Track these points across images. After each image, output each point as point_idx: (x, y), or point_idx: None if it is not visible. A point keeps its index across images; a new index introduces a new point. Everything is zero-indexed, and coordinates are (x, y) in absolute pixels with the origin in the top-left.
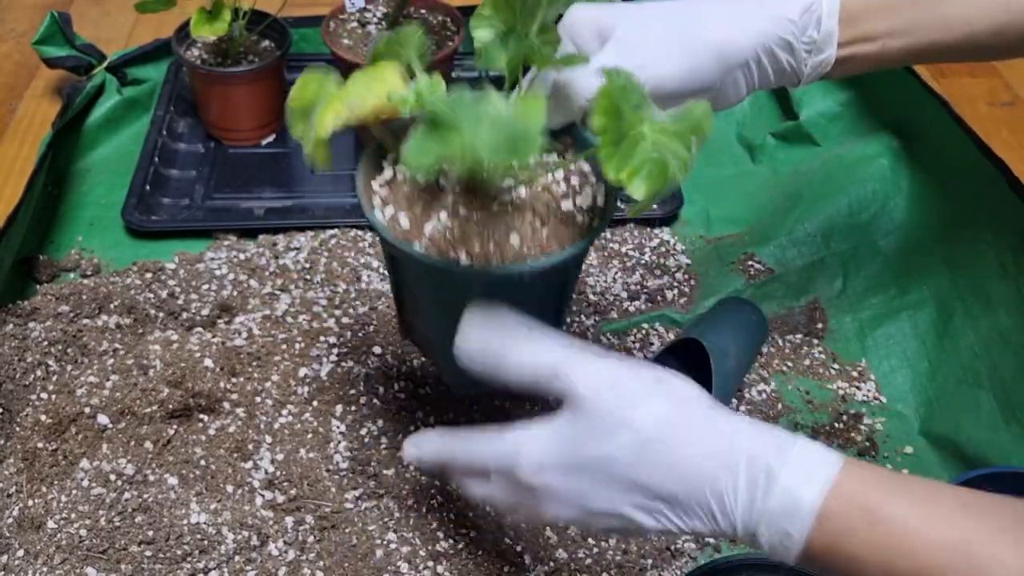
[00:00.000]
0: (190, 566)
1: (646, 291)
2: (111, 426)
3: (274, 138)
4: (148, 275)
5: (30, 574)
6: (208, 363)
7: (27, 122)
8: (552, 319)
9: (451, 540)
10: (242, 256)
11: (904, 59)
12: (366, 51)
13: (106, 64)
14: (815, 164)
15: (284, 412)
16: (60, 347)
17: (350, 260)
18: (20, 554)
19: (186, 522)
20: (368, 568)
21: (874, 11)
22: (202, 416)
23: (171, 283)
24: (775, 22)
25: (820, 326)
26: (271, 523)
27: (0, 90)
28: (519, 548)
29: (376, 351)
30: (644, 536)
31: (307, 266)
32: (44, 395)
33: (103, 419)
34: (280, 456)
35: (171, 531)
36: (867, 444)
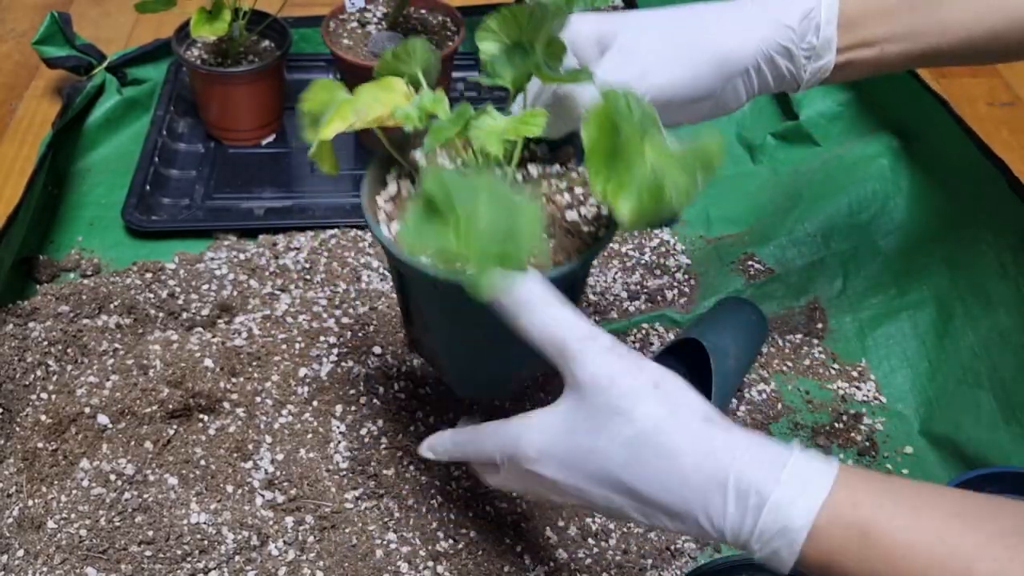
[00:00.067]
0: (190, 566)
1: (646, 291)
2: (111, 426)
3: (274, 138)
4: (148, 275)
5: (30, 574)
6: (208, 363)
7: (27, 122)
8: None
9: (451, 540)
10: (242, 256)
11: (903, 64)
12: (366, 51)
13: (106, 64)
14: (815, 164)
15: (284, 412)
16: (60, 347)
17: (350, 260)
18: (20, 554)
19: (186, 522)
20: (368, 568)
21: (872, 17)
22: (202, 416)
23: (171, 283)
24: (775, 29)
25: (820, 326)
26: (271, 523)
27: (0, 90)
28: (519, 548)
29: (376, 351)
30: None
31: (307, 266)
32: (44, 395)
33: (103, 419)
34: (280, 456)
35: (171, 531)
36: (867, 444)
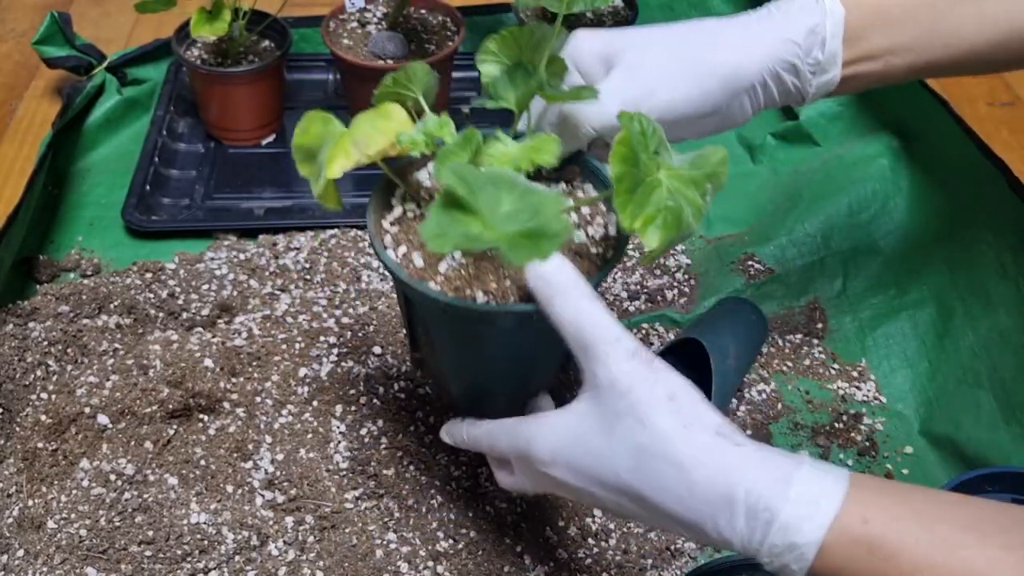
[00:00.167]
0: (190, 566)
1: (646, 291)
2: (111, 426)
3: (274, 138)
4: (148, 275)
5: (30, 574)
6: (208, 363)
7: (27, 122)
8: (564, 362)
9: (451, 540)
10: (242, 256)
11: (907, 76)
12: (366, 51)
13: (106, 64)
14: (815, 164)
15: (284, 412)
16: (60, 347)
17: (350, 260)
18: (20, 554)
19: (186, 522)
20: (368, 568)
21: (876, 30)
22: (202, 416)
23: (171, 283)
24: (780, 45)
25: (820, 326)
26: (271, 523)
27: (0, 90)
28: (519, 548)
29: (376, 351)
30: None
31: (307, 266)
32: (44, 395)
33: (103, 419)
34: (280, 456)
35: (171, 531)
36: (867, 444)
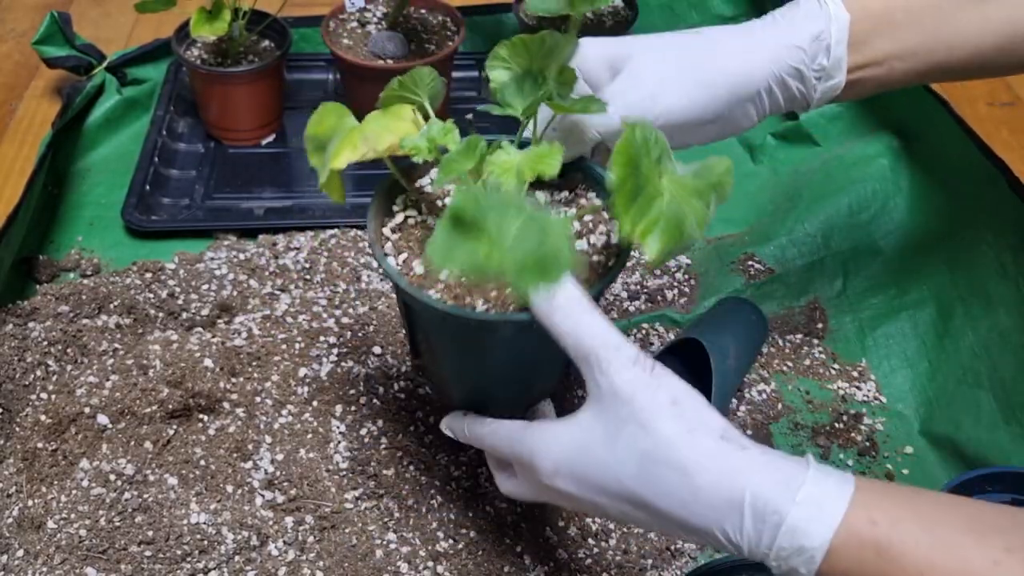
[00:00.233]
0: (190, 566)
1: (646, 291)
2: (111, 426)
3: (274, 138)
4: (148, 275)
5: (30, 574)
6: (208, 363)
7: (27, 122)
8: (566, 370)
9: (451, 540)
10: (242, 256)
11: (911, 80)
12: (366, 51)
13: (106, 64)
14: (815, 164)
15: (284, 412)
16: (60, 347)
17: (350, 260)
18: (20, 554)
19: (186, 522)
20: (368, 568)
21: (881, 35)
22: (202, 416)
23: (171, 283)
24: (786, 51)
25: (820, 326)
26: (271, 523)
27: (0, 90)
28: (519, 548)
29: (376, 351)
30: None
31: (307, 266)
32: (44, 395)
33: (103, 419)
34: (280, 456)
35: (171, 531)
36: (867, 444)
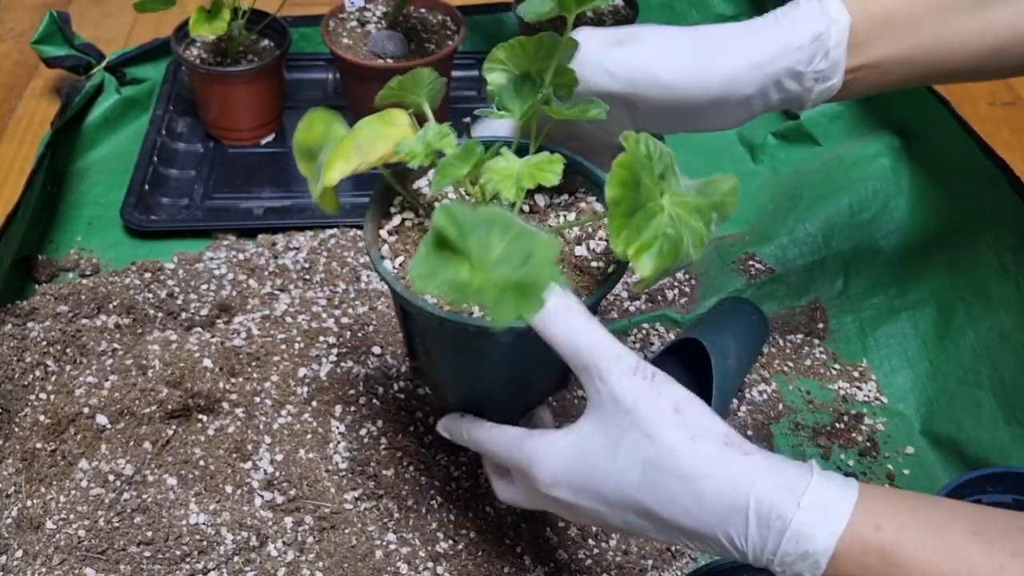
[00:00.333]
0: (189, 567)
1: (646, 291)
2: (110, 426)
3: (273, 137)
4: (147, 275)
5: (29, 575)
6: (207, 363)
7: (26, 122)
8: (565, 374)
9: (451, 541)
10: (241, 256)
11: (908, 83)
12: (365, 50)
13: (105, 63)
14: (816, 164)
15: (283, 412)
16: (59, 347)
17: (349, 260)
18: (19, 555)
19: (185, 523)
20: (367, 569)
21: (880, 37)
22: (201, 416)
23: (170, 283)
24: (785, 51)
25: (821, 326)
26: (270, 524)
27: None
28: (519, 549)
29: (376, 351)
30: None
31: (306, 266)
32: (43, 395)
33: (102, 419)
34: (279, 456)
35: (170, 532)
36: (868, 444)
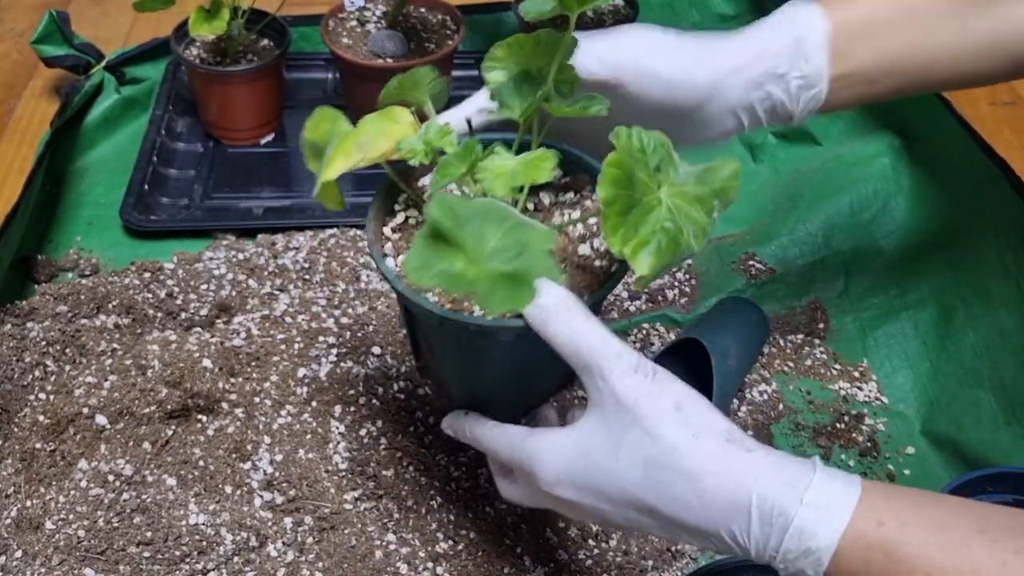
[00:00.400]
0: (189, 567)
1: (646, 291)
2: (109, 426)
3: (273, 137)
4: (147, 275)
5: (28, 575)
6: (207, 363)
7: (26, 121)
8: (569, 372)
9: (451, 541)
10: (241, 256)
11: (894, 93)
12: (365, 50)
13: (104, 63)
14: (816, 164)
15: (283, 413)
16: (58, 347)
17: (349, 260)
18: (18, 555)
19: (185, 523)
20: (367, 569)
21: (863, 45)
22: (201, 416)
23: (170, 283)
24: (765, 56)
25: (821, 326)
26: (270, 524)
27: None
28: (519, 549)
29: (376, 351)
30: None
31: (306, 266)
32: (42, 395)
33: (101, 419)
34: (279, 457)
35: (170, 532)
36: (868, 445)
